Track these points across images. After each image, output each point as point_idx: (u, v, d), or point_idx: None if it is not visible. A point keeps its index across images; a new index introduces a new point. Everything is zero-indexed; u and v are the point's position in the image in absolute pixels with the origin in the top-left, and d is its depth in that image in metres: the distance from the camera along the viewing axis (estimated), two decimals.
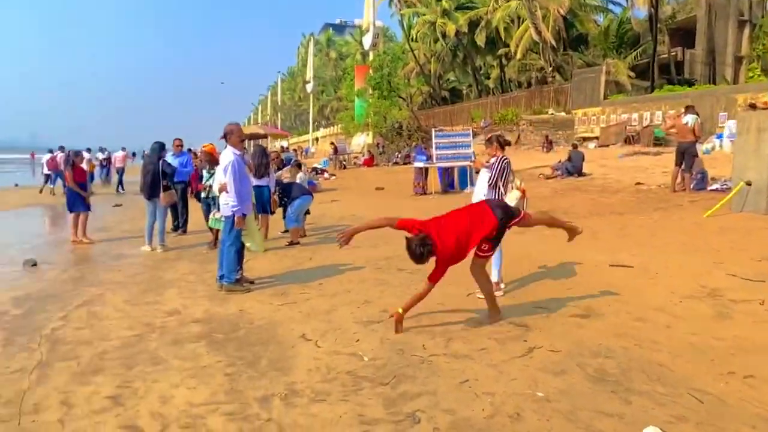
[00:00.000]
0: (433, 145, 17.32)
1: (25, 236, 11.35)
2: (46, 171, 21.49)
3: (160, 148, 9.54)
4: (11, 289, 6.74)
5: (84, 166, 11.71)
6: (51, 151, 22.14)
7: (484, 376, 3.97)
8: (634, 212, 11.17)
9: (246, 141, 6.84)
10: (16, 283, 7.09)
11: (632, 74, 29.55)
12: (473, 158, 17.07)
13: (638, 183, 14.18)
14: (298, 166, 11.06)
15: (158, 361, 4.42)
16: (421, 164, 17.14)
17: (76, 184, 10.03)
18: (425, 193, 16.98)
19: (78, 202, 10.13)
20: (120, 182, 23.37)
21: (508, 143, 6.42)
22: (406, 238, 4.75)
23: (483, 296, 5.97)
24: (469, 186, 16.76)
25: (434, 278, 4.88)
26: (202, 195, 9.29)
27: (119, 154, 24.92)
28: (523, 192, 5.96)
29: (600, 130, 25.76)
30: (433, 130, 19.23)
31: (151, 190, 9.26)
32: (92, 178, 17.77)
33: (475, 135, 20.84)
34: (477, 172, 6.61)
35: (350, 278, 6.97)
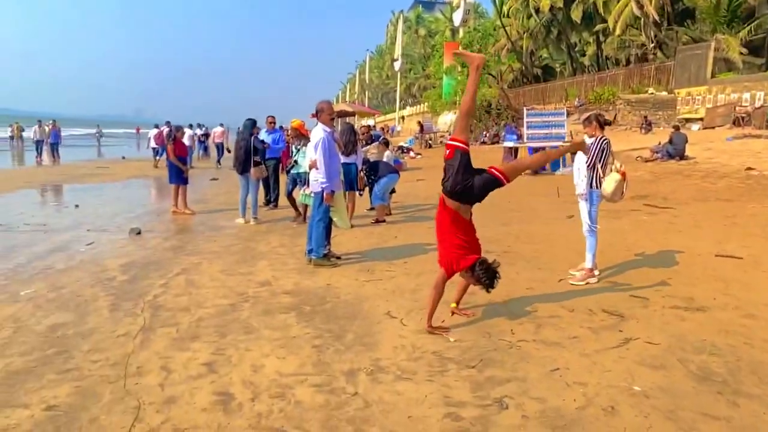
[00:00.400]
0: (525, 125, 16.81)
1: (131, 206, 12.11)
2: (153, 145, 22.81)
3: (252, 125, 9.84)
4: (119, 256, 7.21)
5: (185, 141, 12.31)
6: (157, 126, 23.44)
7: (576, 365, 3.82)
8: (744, 199, 10.35)
9: (336, 119, 6.90)
10: (122, 251, 7.57)
11: (744, 51, 27.20)
12: (569, 138, 16.47)
13: (749, 168, 13.12)
14: (386, 144, 11.06)
15: (250, 330, 4.58)
16: (511, 144, 16.71)
17: (176, 158, 10.58)
18: None
19: (177, 175, 10.67)
20: (219, 156, 24.53)
21: (608, 123, 6.08)
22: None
23: (575, 282, 5.75)
24: (561, 168, 16.18)
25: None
26: (292, 171, 9.50)
27: (218, 129, 26.04)
28: (624, 175, 5.63)
29: (705, 110, 23.99)
30: (524, 108, 18.69)
31: (243, 165, 9.59)
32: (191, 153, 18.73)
33: (568, 114, 20.02)
34: (573, 154, 6.32)
35: (436, 258, 6.88)
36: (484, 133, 32.14)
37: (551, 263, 6.58)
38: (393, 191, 10.05)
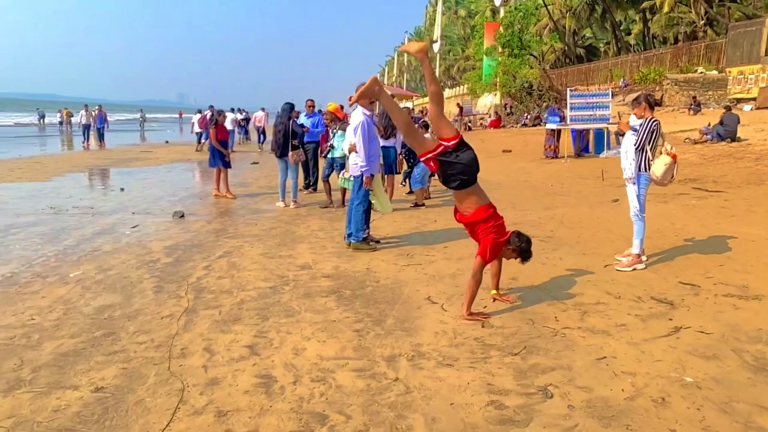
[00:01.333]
0: (568, 106, 16.38)
1: (174, 189, 12.33)
2: (197, 129, 23.18)
3: (290, 108, 9.86)
4: (163, 239, 7.35)
5: (227, 125, 12.44)
6: (200, 111, 23.76)
7: (623, 354, 3.70)
8: None
9: (376, 102, 6.80)
10: (166, 233, 7.72)
11: None
12: (618, 120, 16.02)
13: None
14: (425, 127, 10.91)
15: (291, 313, 4.60)
16: (553, 126, 16.31)
17: (218, 142, 10.71)
18: (557, 157, 16.19)
19: (219, 158, 10.80)
20: (261, 140, 24.81)
21: (658, 103, 5.85)
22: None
23: (622, 268, 5.59)
24: (605, 150, 15.75)
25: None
26: (328, 155, 9.48)
27: (259, 114, 26.26)
28: (674, 157, 5.41)
29: (759, 90, 22.94)
30: (568, 89, 18.21)
31: (282, 149, 9.62)
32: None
33: (612, 96, 19.43)
34: (621, 135, 6.10)
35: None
36: (525, 114, 31.57)
37: (596, 249, 6.41)
38: (432, 174, 9.93)
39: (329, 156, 9.44)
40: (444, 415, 3.01)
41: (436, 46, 63.97)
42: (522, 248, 4.48)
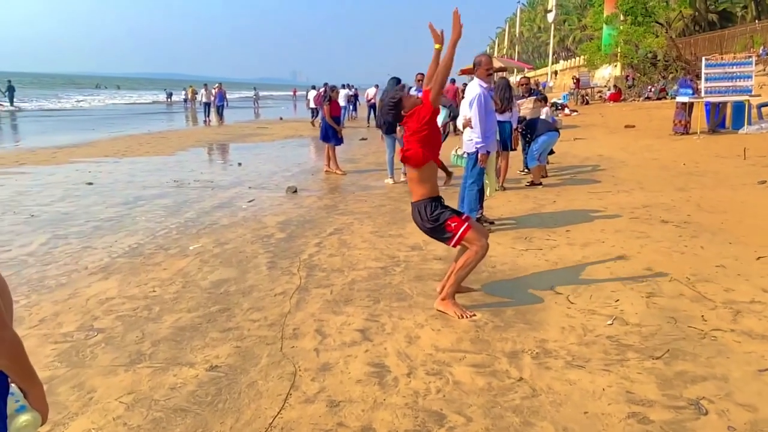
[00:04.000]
0: (702, 77, 14.84)
1: (288, 165, 12.58)
2: (312, 105, 23.66)
3: (397, 83, 9.60)
4: (276, 214, 7.43)
5: (340, 101, 12.45)
6: (314, 88, 24.21)
7: None
8: None
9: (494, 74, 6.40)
10: (280, 208, 7.81)
11: None
12: (757, 92, 14.37)
13: None
14: (544, 99, 10.27)
15: (403, 296, 4.40)
16: (685, 99, 14.85)
17: (331, 119, 10.72)
18: (687, 133, 14.76)
19: (331, 135, 10.82)
20: (370, 116, 24.90)
21: None
22: None
23: None
24: (746, 126, 14.13)
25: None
26: None
27: (371, 90, 26.35)
28: None
29: None
30: (703, 58, 16.52)
31: (390, 125, 9.38)
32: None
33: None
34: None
35: (602, 227, 6.25)
36: (649, 87, 29.27)
37: (744, 237, 5.65)
38: (551, 152, 9.34)
39: None
40: (577, 425, 2.66)
41: (550, 16, 60.98)
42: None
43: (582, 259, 5.14)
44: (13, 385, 1.58)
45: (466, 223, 3.99)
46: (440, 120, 8.79)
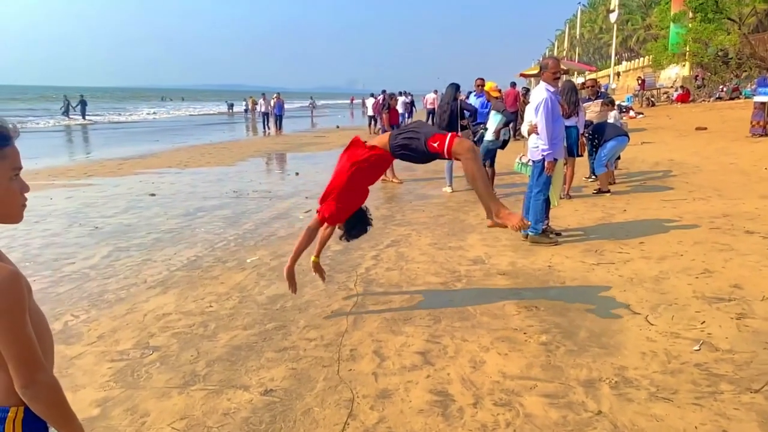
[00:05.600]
0: None
1: None
2: (370, 113, 23.65)
3: (456, 89, 9.36)
4: None
5: (398, 108, 12.32)
6: (373, 95, 24.18)
7: None
8: None
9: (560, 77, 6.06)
10: None
11: None
12: None
13: None
14: (611, 103, 9.77)
15: (466, 316, 4.15)
16: (764, 98, 13.92)
17: (390, 127, 10.60)
18: (766, 134, 13.81)
19: None
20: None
21: None
22: None
23: None
24: None
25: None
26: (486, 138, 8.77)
27: (430, 96, 26.11)
28: None
29: None
30: None
31: (448, 131, 9.16)
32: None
33: None
34: None
35: (679, 238, 5.81)
36: (721, 87, 27.79)
37: None
38: (618, 157, 8.87)
39: (486, 140, 8.72)
40: None
41: (613, 16, 59.14)
42: (348, 229, 4.39)
43: (659, 275, 4.74)
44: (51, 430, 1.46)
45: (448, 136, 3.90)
46: (492, 126, 8.50)
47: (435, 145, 3.83)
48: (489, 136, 8.55)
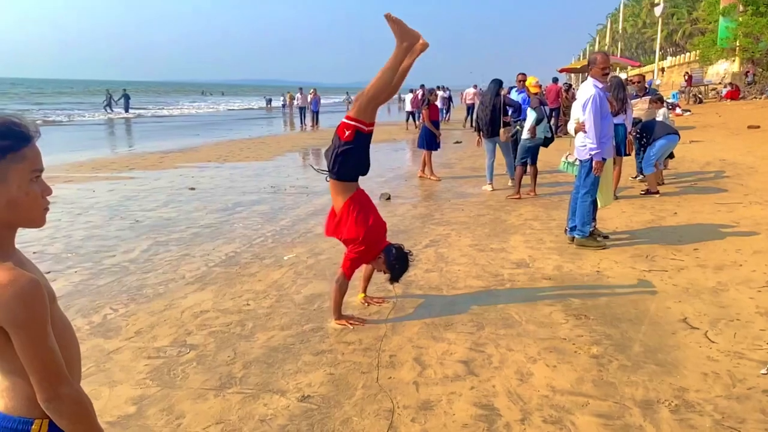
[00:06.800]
0: None
1: (381, 170, 12.36)
2: (408, 108, 23.37)
3: (498, 85, 9.13)
4: None
5: (438, 103, 12.11)
6: (412, 91, 23.85)
7: None
8: None
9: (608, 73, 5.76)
10: None
11: None
12: None
13: None
14: (660, 100, 9.38)
15: (510, 323, 3.97)
16: None
17: (431, 123, 10.42)
18: None
19: (429, 140, 10.50)
20: (468, 118, 24.12)
21: None
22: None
23: None
24: None
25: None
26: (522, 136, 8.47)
27: (470, 90, 25.69)
28: None
29: None
30: None
31: (491, 128, 8.94)
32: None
33: None
34: None
35: (738, 246, 5.49)
36: None
37: None
38: (671, 156, 8.50)
39: (523, 140, 8.42)
40: None
41: (657, 10, 57.45)
42: (391, 264, 4.06)
43: (717, 286, 4.47)
44: None
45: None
46: (528, 124, 8.23)
47: (347, 132, 4.34)
48: (525, 134, 8.30)
